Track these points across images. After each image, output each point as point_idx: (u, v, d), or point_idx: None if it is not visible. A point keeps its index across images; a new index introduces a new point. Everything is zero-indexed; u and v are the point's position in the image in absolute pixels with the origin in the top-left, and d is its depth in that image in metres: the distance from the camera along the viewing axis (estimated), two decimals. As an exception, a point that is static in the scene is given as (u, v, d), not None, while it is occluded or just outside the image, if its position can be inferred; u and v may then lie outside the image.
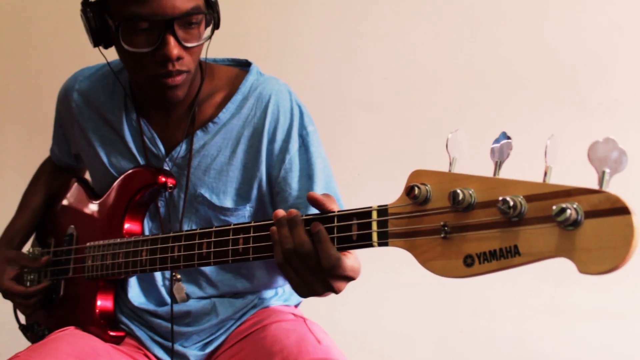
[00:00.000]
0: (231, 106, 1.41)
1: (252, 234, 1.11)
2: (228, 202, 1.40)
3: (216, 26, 1.35)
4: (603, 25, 2.17)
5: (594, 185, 0.72)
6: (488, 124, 2.23)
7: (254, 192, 1.41)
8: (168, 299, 1.44)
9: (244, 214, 1.42)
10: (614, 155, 0.71)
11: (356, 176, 2.31)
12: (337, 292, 1.04)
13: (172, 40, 1.24)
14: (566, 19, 2.20)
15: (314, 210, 1.38)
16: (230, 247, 1.15)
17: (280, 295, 1.55)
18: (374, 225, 0.93)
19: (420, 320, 2.26)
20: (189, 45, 1.28)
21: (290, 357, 1.26)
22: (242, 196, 1.41)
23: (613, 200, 0.68)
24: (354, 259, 1.04)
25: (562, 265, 0.83)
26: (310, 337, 1.33)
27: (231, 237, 1.15)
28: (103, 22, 1.32)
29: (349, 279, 1.04)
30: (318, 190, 1.37)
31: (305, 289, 1.04)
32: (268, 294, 1.52)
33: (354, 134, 2.33)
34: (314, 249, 1.00)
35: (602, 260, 0.68)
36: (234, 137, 1.40)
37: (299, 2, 2.40)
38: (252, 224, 1.12)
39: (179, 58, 1.27)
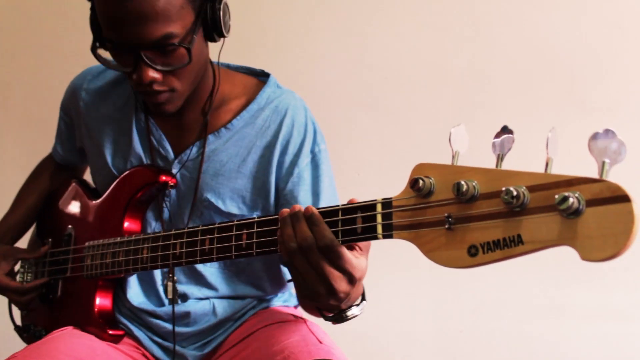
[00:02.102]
0: (246, 114, 1.42)
1: (255, 229, 1.13)
2: (234, 209, 1.42)
3: (219, 35, 1.33)
4: (603, 26, 2.20)
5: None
6: (488, 123, 2.23)
7: (261, 202, 1.43)
8: (166, 300, 1.46)
9: None
10: (613, 146, 0.74)
11: (356, 176, 2.33)
12: (337, 292, 1.03)
13: (143, 66, 1.24)
14: (566, 19, 2.23)
15: None
16: (233, 243, 1.17)
17: (280, 297, 1.57)
18: (379, 218, 0.96)
19: (420, 320, 2.27)
20: (165, 69, 1.26)
21: (292, 357, 1.26)
22: (248, 205, 1.43)
23: (614, 188, 0.72)
24: (358, 258, 1.04)
25: (563, 266, 0.86)
26: (312, 337, 1.34)
27: (234, 232, 1.17)
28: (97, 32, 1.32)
29: (349, 275, 1.02)
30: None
31: (307, 290, 1.04)
32: (268, 295, 1.54)
33: (354, 134, 2.35)
34: (313, 236, 1.00)
35: (604, 247, 0.71)
36: (245, 146, 1.42)
37: (300, 2, 2.42)
38: (256, 219, 1.14)
39: (153, 81, 1.26)
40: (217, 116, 1.44)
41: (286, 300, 1.58)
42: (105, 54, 1.36)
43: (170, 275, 1.44)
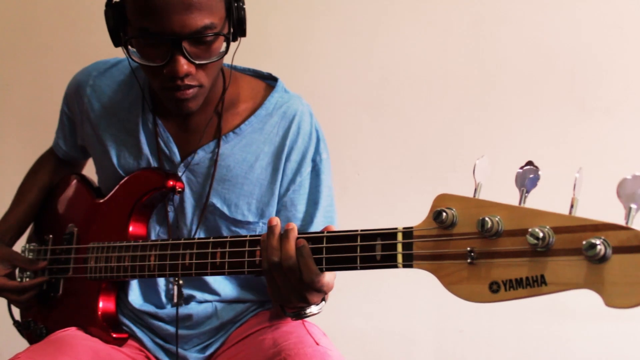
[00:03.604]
0: (254, 120, 1.43)
1: (270, 247, 1.14)
2: (239, 216, 1.43)
3: (241, 34, 1.33)
4: (603, 26, 2.21)
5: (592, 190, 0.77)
6: (488, 124, 2.26)
7: (268, 209, 1.44)
8: (168, 302, 1.47)
9: (256, 229, 1.44)
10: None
11: (356, 176, 2.34)
12: (310, 303, 1.17)
13: (180, 58, 1.23)
14: (566, 20, 2.23)
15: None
16: (246, 259, 1.18)
17: (280, 299, 1.59)
18: (399, 247, 0.97)
19: (420, 320, 2.30)
20: (200, 62, 1.26)
21: (288, 359, 1.28)
22: (253, 212, 1.43)
23: (641, 237, 0.73)
24: (331, 274, 1.15)
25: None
26: (309, 339, 1.36)
27: (247, 248, 1.18)
28: (121, 27, 1.31)
29: (323, 292, 1.15)
30: (319, 217, 1.44)
31: (280, 297, 1.16)
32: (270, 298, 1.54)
33: (354, 134, 2.36)
34: (298, 264, 1.09)
35: (630, 295, 0.73)
36: (253, 152, 1.42)
37: (303, 3, 2.42)
38: (270, 237, 1.14)
39: (187, 74, 1.26)
40: (225, 119, 1.44)
41: (286, 301, 1.59)
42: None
43: (177, 279, 1.44)
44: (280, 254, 1.10)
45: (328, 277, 1.13)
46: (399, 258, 0.97)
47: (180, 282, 1.44)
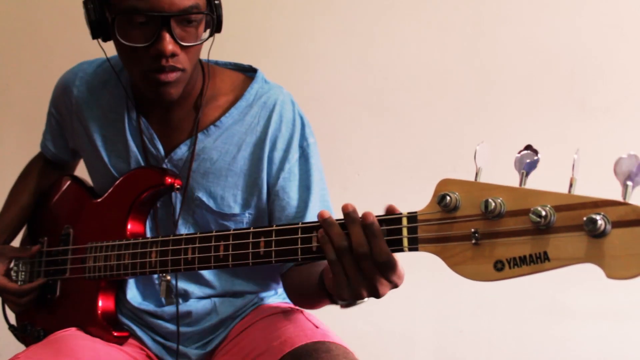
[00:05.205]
0: (234, 112, 1.47)
1: (274, 237, 1.17)
2: (226, 208, 1.46)
3: (217, 29, 1.40)
4: (603, 26, 2.25)
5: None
6: (488, 124, 2.29)
7: (254, 199, 1.47)
8: (163, 300, 1.50)
9: (242, 220, 1.48)
10: (635, 169, 0.80)
11: (356, 176, 2.38)
12: (379, 296, 1.05)
13: (167, 36, 1.28)
14: (566, 20, 2.28)
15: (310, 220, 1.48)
16: (250, 250, 1.20)
17: (280, 294, 1.62)
18: (404, 231, 1.01)
19: (420, 320, 2.33)
20: (185, 43, 1.32)
21: (289, 341, 1.32)
22: (240, 203, 1.47)
23: (639, 211, 0.78)
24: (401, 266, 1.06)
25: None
26: (308, 323, 1.41)
27: (251, 240, 1.20)
28: (102, 13, 1.36)
29: (393, 284, 1.06)
30: (314, 201, 1.46)
31: (349, 290, 1.05)
32: (268, 293, 1.59)
33: (354, 134, 2.39)
34: (370, 247, 1.01)
35: (629, 267, 0.78)
36: (235, 143, 1.46)
37: (302, 2, 2.46)
38: (275, 227, 1.18)
39: (173, 55, 1.31)
40: (206, 113, 1.48)
41: (285, 297, 1.61)
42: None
43: (163, 276, 1.47)
44: (349, 241, 1.02)
45: (401, 269, 1.06)
46: (405, 242, 1.01)
47: (168, 277, 1.47)
